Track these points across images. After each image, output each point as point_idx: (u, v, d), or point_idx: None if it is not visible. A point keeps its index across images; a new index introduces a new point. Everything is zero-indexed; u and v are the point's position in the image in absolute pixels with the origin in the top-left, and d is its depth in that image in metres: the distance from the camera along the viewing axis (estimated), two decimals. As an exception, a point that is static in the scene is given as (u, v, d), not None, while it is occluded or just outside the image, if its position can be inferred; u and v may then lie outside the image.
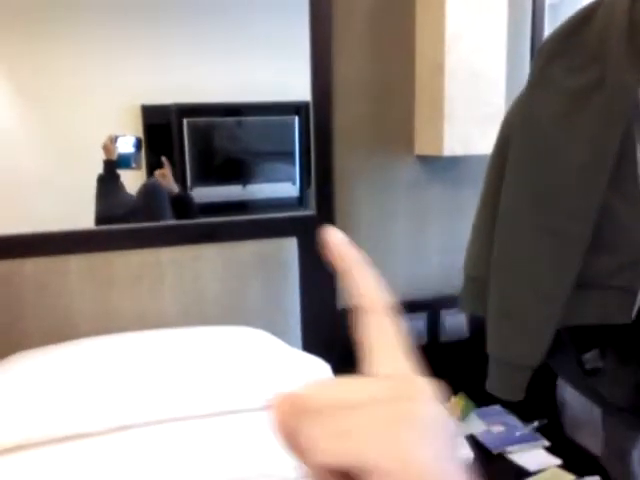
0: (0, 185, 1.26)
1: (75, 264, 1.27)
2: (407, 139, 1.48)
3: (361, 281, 0.29)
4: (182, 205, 1.43)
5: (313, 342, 1.41)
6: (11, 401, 0.98)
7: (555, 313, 0.83)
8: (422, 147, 1.45)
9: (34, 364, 1.09)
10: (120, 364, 1.08)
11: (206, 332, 1.25)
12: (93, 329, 1.26)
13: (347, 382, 0.25)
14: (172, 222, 1.41)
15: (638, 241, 0.79)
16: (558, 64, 0.85)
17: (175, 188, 1.40)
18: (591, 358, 0.95)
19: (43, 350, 1.16)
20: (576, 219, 0.81)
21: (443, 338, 1.54)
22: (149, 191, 1.40)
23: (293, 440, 0.25)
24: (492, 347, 0.91)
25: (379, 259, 1.50)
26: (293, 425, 0.24)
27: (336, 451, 0.23)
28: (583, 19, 0.84)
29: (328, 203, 1.43)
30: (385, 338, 0.27)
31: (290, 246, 1.40)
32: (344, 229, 1.25)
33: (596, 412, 1.15)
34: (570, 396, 1.43)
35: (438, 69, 1.34)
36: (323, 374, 1.13)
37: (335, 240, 0.29)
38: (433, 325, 1.53)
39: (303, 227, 1.41)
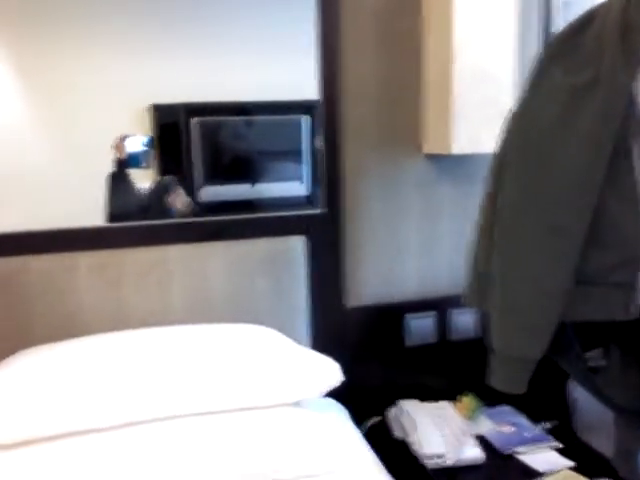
0: (10, 182, 1.27)
1: (84, 261, 1.28)
2: (415, 137, 1.48)
3: None
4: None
5: (321, 340, 1.41)
6: (18, 397, 0.99)
7: (556, 307, 0.84)
8: (430, 145, 1.45)
9: (41, 360, 1.10)
10: (127, 361, 1.09)
11: (214, 329, 1.25)
12: (101, 326, 1.26)
13: None
14: (181, 220, 1.41)
15: (635, 237, 0.79)
16: (557, 65, 0.86)
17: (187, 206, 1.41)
18: (594, 356, 0.96)
19: (50, 346, 1.17)
20: (573, 215, 0.82)
21: (452, 337, 1.53)
22: (163, 189, 1.41)
23: None
24: (495, 341, 0.92)
25: (388, 258, 1.50)
26: None
27: None
28: (582, 23, 0.86)
29: (337, 201, 1.43)
30: None
31: (299, 244, 1.40)
32: (353, 227, 1.25)
33: (608, 414, 1.14)
34: (582, 397, 1.42)
35: (447, 68, 1.34)
36: (331, 373, 1.13)
37: None
38: (442, 324, 1.52)
39: (312, 225, 1.41)
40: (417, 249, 1.52)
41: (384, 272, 1.49)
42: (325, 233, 1.42)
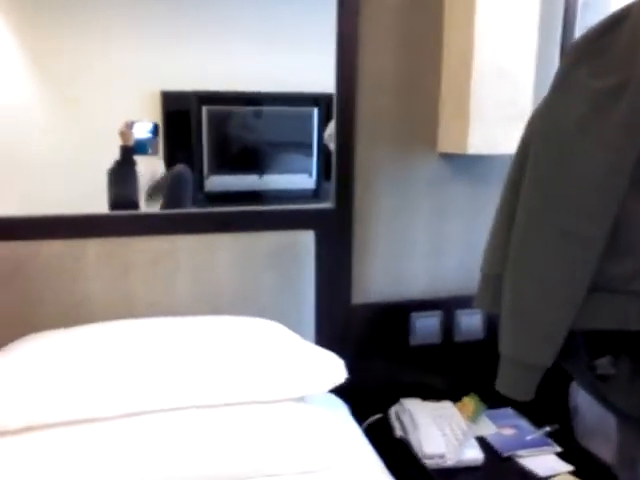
0: (19, 166, 1.26)
1: (91, 249, 1.26)
2: (430, 136, 1.46)
3: None
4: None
5: (327, 336, 1.40)
6: (20, 382, 0.98)
7: (569, 314, 0.83)
8: (446, 145, 1.44)
9: (44, 346, 1.09)
10: (131, 350, 1.08)
11: (219, 322, 1.24)
12: (107, 314, 1.25)
13: None
14: (189, 210, 1.40)
15: None
16: (583, 67, 0.84)
17: None
18: (603, 364, 0.94)
19: (54, 332, 1.16)
20: (593, 222, 0.80)
21: (457, 338, 1.53)
22: (175, 179, 1.39)
23: None
24: (504, 346, 0.91)
25: (397, 256, 1.49)
26: None
27: None
28: (612, 24, 0.83)
29: (347, 197, 1.42)
30: None
31: (307, 239, 1.39)
32: (362, 224, 1.24)
33: (610, 420, 1.14)
34: (583, 402, 1.42)
35: (465, 66, 1.32)
36: (336, 370, 1.12)
37: None
38: (448, 324, 1.52)
39: (321, 220, 1.40)
40: (426, 248, 1.51)
41: (392, 270, 1.49)
42: (334, 228, 1.41)
